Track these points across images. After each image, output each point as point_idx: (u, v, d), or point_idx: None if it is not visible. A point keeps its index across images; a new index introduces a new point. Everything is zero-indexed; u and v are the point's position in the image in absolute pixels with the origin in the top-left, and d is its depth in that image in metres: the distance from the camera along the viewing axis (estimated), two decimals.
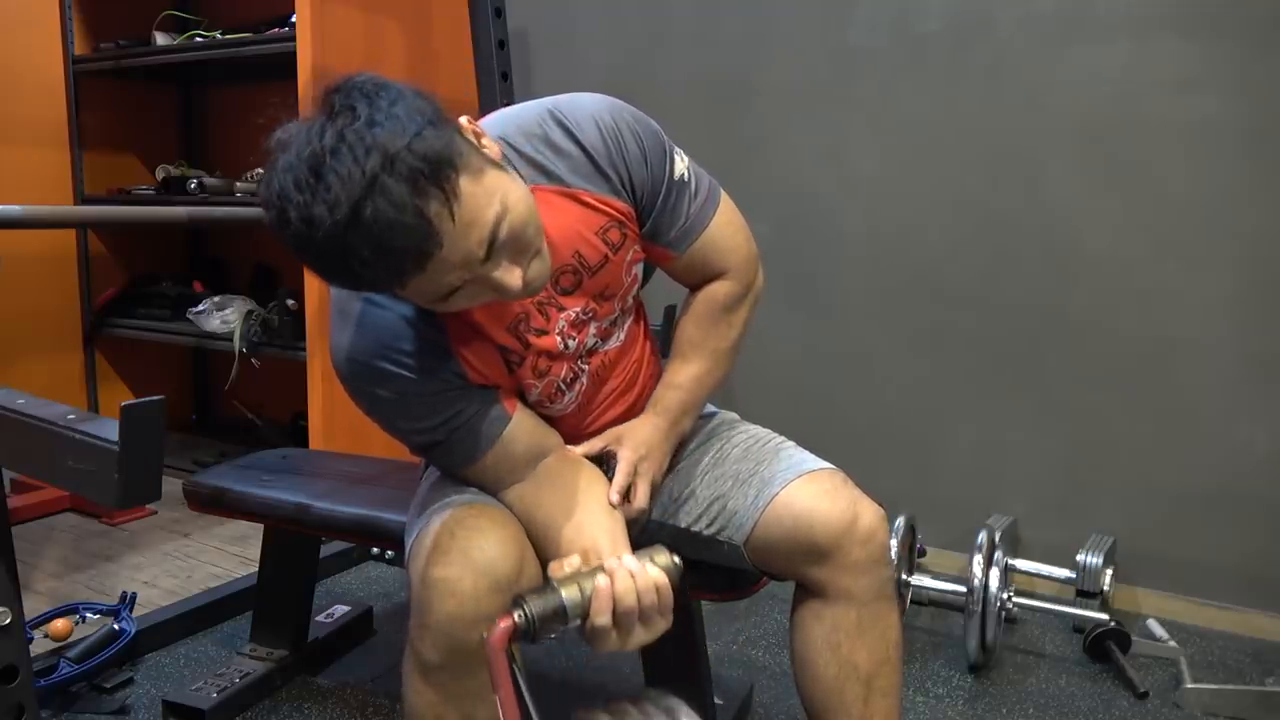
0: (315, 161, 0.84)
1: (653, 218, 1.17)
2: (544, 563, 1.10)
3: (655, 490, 1.22)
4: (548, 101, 1.14)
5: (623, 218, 1.14)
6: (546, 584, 0.96)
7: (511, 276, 0.95)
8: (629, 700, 0.91)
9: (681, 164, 1.18)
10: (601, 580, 0.95)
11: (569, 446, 1.19)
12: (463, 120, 0.95)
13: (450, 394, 1.08)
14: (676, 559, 1.01)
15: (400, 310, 1.06)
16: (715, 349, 1.28)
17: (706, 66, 2.58)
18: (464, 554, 1.03)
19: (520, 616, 0.91)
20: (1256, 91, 2.01)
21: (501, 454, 1.12)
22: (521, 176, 1.06)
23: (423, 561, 1.05)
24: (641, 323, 1.31)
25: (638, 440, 1.20)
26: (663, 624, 0.99)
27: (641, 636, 0.98)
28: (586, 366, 1.20)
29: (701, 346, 1.27)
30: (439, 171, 0.86)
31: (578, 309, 1.14)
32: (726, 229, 1.24)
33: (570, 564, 1.00)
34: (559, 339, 1.14)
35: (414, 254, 0.87)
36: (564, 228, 1.10)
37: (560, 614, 0.93)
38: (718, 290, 1.27)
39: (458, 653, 1.03)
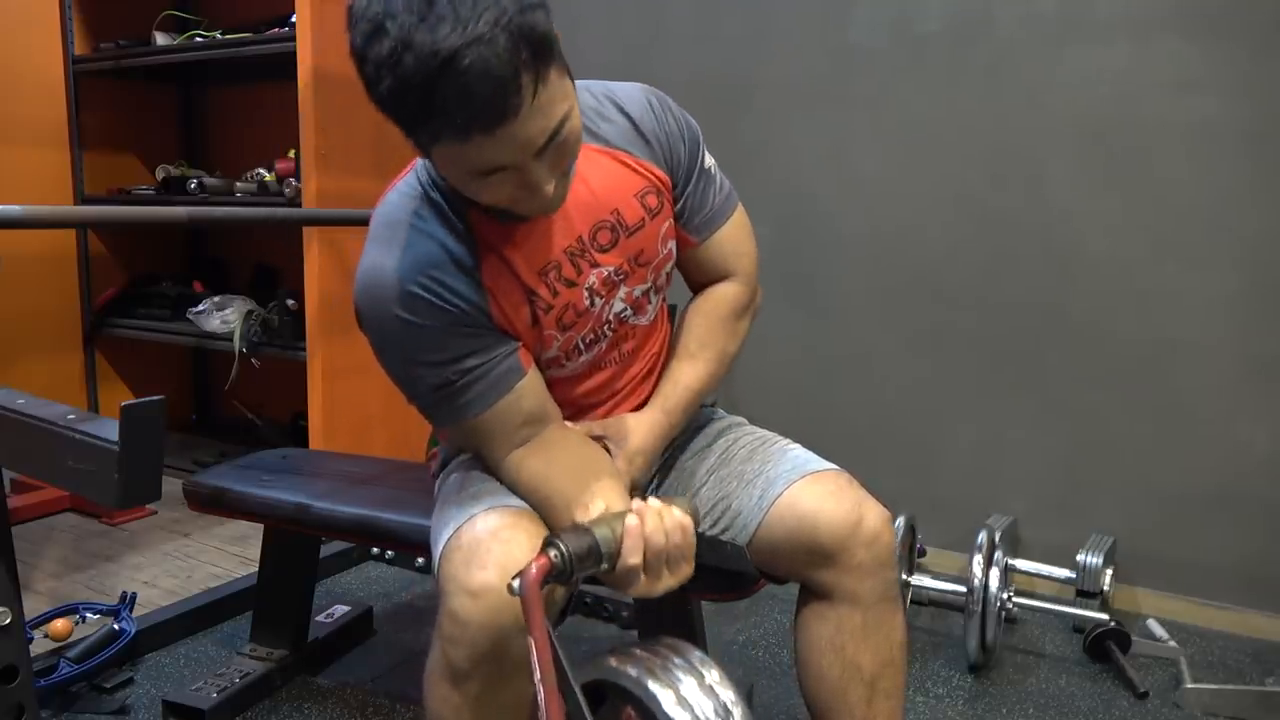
0: None
1: (684, 198, 1.21)
2: (548, 526, 1.11)
3: (634, 491, 1.19)
4: (596, 83, 1.20)
5: (661, 185, 1.18)
6: (577, 525, 0.96)
7: (549, 182, 0.98)
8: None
9: (710, 159, 1.25)
10: (632, 520, 0.96)
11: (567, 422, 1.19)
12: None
13: (472, 330, 1.09)
14: (693, 507, 1.03)
15: (440, 236, 1.07)
16: (721, 352, 1.28)
17: (706, 66, 2.58)
18: (501, 564, 1.02)
19: (556, 555, 0.90)
20: (1257, 93, 2.01)
21: (510, 407, 1.11)
22: None
23: (458, 569, 1.04)
24: (666, 319, 1.32)
25: (634, 448, 1.19)
26: (687, 569, 1.00)
27: (668, 580, 0.99)
28: (611, 333, 1.20)
29: (710, 346, 1.28)
30: (541, 50, 0.89)
31: (611, 268, 1.16)
32: (741, 230, 1.29)
33: (596, 508, 1.01)
34: (586, 294, 1.15)
35: (494, 112, 0.88)
36: (606, 185, 1.14)
37: (594, 553, 0.93)
38: (727, 292, 1.30)
39: (491, 661, 1.02)
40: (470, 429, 1.14)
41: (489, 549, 1.04)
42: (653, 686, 0.89)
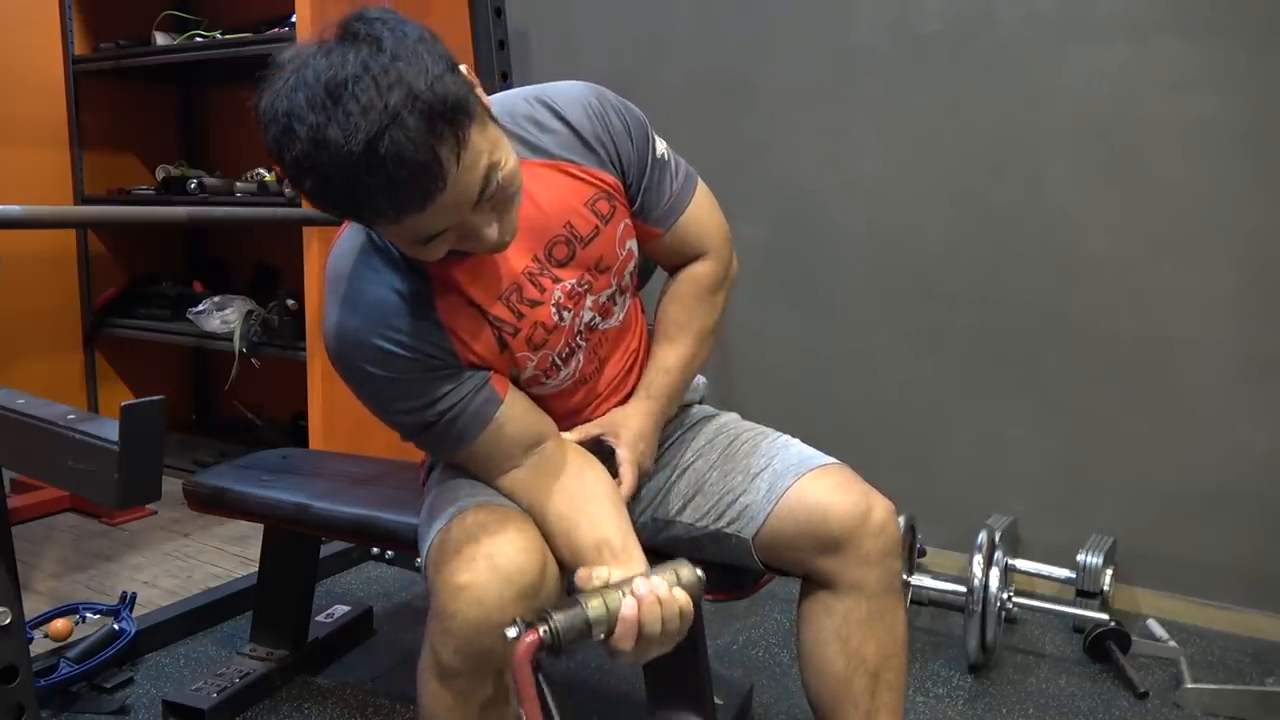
0: (335, 86, 0.84)
1: (641, 195, 1.20)
2: (555, 554, 1.11)
3: (645, 477, 1.23)
4: (531, 89, 1.17)
5: (611, 189, 1.16)
6: (572, 597, 0.96)
7: (491, 228, 0.97)
8: None
9: (661, 145, 1.22)
10: (628, 608, 0.95)
11: (562, 433, 1.20)
12: (462, 69, 0.96)
13: (441, 374, 1.08)
14: (700, 572, 1.01)
15: (393, 283, 1.06)
16: (700, 329, 1.30)
17: (707, 66, 2.58)
18: (488, 559, 1.02)
19: (546, 632, 0.91)
20: (1256, 92, 2.01)
21: (494, 437, 1.12)
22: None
23: (445, 566, 1.04)
24: (639, 311, 1.32)
25: (633, 434, 1.21)
26: (679, 639, 1.00)
27: (657, 651, 0.99)
28: (584, 343, 1.20)
29: (687, 327, 1.29)
30: (456, 116, 0.88)
31: (573, 280, 1.15)
32: (706, 208, 1.28)
33: (599, 576, 1.00)
34: (554, 310, 1.14)
35: (420, 192, 0.88)
36: (553, 199, 1.12)
37: (585, 630, 0.93)
38: (699, 271, 1.29)
39: (480, 659, 1.03)
40: (462, 460, 1.16)
41: (475, 544, 1.04)
42: None
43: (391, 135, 0.84)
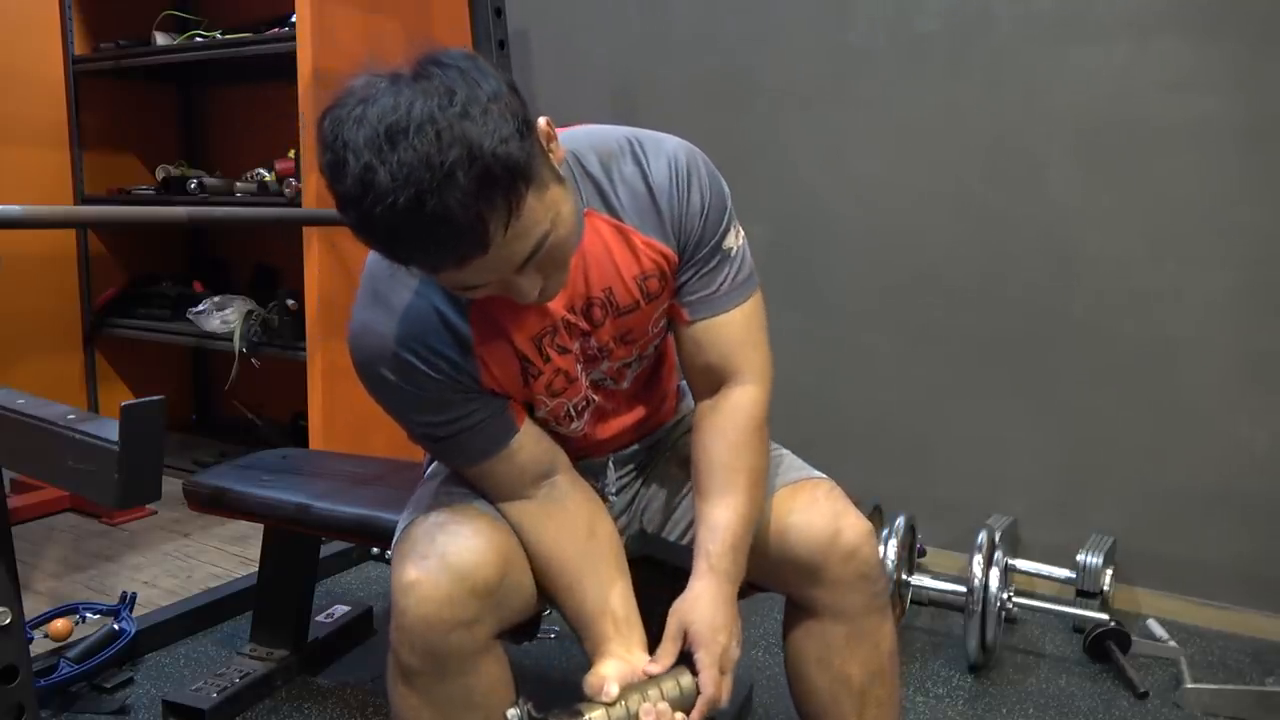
0: (395, 130, 0.81)
1: (688, 275, 1.10)
2: (540, 588, 1.11)
3: (729, 683, 1.08)
4: (630, 131, 1.10)
5: (666, 266, 1.09)
6: (574, 707, 0.98)
7: (533, 286, 0.94)
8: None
9: (734, 238, 1.12)
10: None
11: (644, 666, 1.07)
12: (541, 121, 0.91)
13: (461, 396, 1.07)
14: (697, 683, 1.03)
15: (431, 297, 1.03)
16: (753, 470, 1.12)
17: (706, 66, 2.58)
18: (441, 557, 1.02)
19: None
20: (1255, 91, 2.01)
21: (504, 462, 1.10)
22: (580, 193, 1.05)
23: (400, 563, 1.04)
24: (669, 375, 1.29)
25: (708, 633, 1.05)
26: None
27: None
28: (597, 398, 1.18)
29: (740, 473, 1.11)
30: (512, 184, 0.84)
31: (599, 344, 1.11)
32: (753, 321, 1.14)
33: (609, 692, 0.99)
34: (577, 361, 1.11)
35: (457, 255, 0.85)
36: (604, 262, 1.07)
37: None
38: (742, 402, 1.13)
39: (434, 657, 1.03)
40: (470, 476, 1.15)
41: (430, 542, 1.04)
42: None
43: (440, 194, 0.80)
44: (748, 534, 1.10)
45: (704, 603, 1.06)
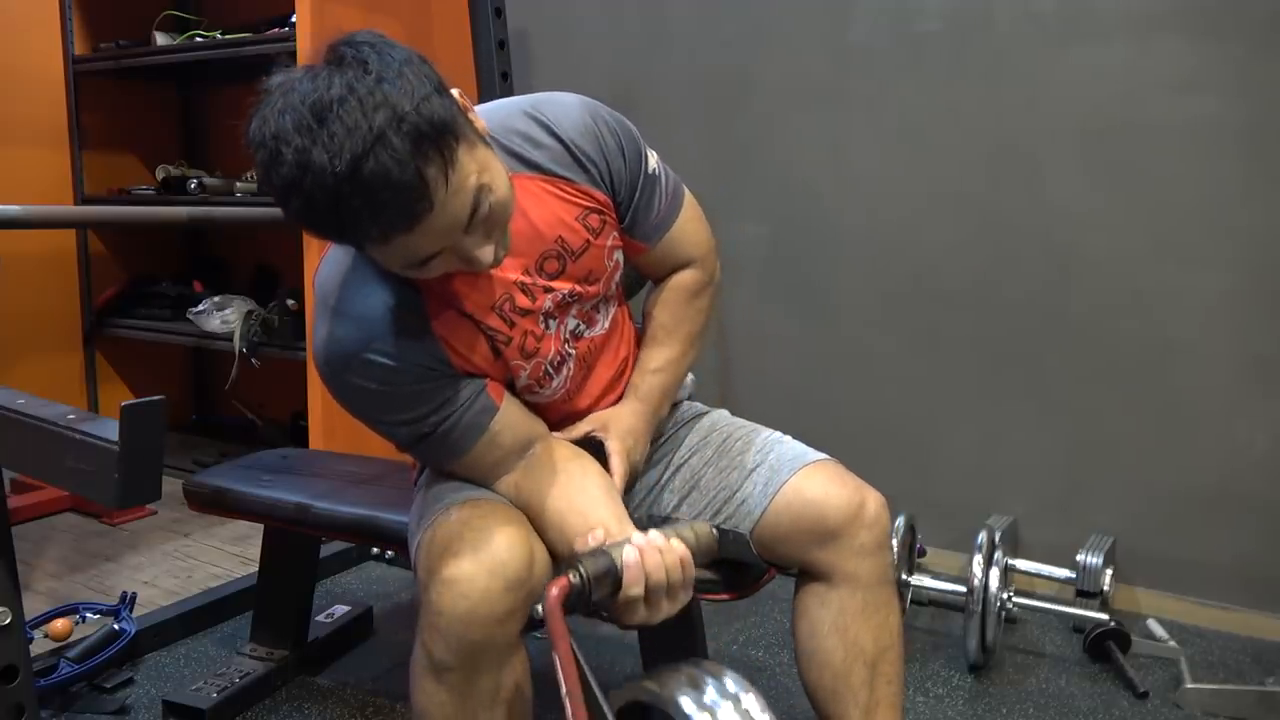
0: (320, 108, 0.85)
1: (631, 211, 1.21)
2: (551, 552, 1.11)
3: (636, 475, 1.24)
4: (524, 100, 1.18)
5: (601, 206, 1.17)
6: (594, 549, 0.98)
7: (484, 251, 0.98)
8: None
9: (653, 160, 1.23)
10: (630, 554, 0.96)
11: (554, 433, 1.21)
12: (455, 92, 0.96)
13: (436, 383, 1.09)
14: (703, 530, 1.05)
15: (383, 296, 1.06)
16: (687, 333, 1.32)
17: (706, 66, 2.58)
18: (475, 553, 1.03)
19: (575, 577, 0.92)
20: (1256, 92, 2.01)
21: (490, 445, 1.13)
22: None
23: (434, 561, 1.05)
24: (626, 317, 1.33)
25: (623, 428, 1.21)
26: (684, 597, 1.01)
27: (667, 609, 1.00)
28: (574, 350, 1.21)
29: (674, 331, 1.31)
30: (442, 137, 0.88)
31: (565, 291, 1.16)
32: (693, 222, 1.29)
33: (595, 537, 1.01)
34: (541, 319, 1.15)
35: (406, 213, 0.88)
36: (545, 214, 1.13)
37: (612, 574, 0.95)
38: (685, 278, 1.32)
39: (471, 653, 1.03)
40: (458, 469, 1.16)
41: (461, 540, 1.05)
42: (689, 710, 0.91)
43: (376, 156, 0.84)
44: (675, 381, 1.31)
45: (625, 412, 1.24)
